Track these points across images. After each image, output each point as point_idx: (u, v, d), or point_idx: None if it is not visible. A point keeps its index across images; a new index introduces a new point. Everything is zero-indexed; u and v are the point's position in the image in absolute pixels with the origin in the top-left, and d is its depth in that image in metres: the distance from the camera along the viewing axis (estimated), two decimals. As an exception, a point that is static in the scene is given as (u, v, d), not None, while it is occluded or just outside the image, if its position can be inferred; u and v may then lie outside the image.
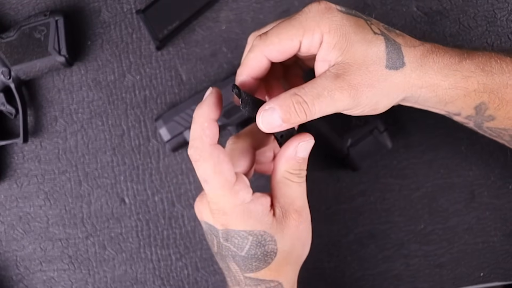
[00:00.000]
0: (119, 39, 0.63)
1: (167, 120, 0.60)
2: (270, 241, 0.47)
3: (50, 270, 0.63)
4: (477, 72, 0.47)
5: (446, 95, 0.47)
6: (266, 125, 0.44)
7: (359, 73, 0.44)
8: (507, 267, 0.64)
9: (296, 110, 0.44)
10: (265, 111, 0.44)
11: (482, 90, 0.47)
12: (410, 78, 0.46)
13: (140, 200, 0.63)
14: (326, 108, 0.44)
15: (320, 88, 0.44)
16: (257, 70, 0.47)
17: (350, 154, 0.59)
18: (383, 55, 0.45)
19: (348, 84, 0.44)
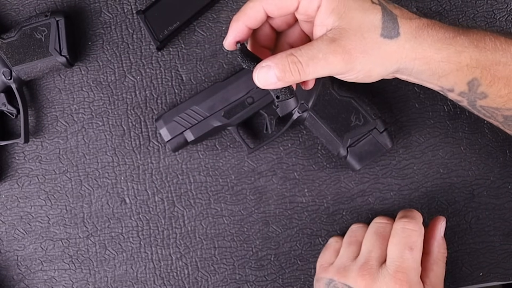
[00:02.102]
0: (120, 40, 0.63)
1: (167, 120, 0.60)
2: None
3: (51, 269, 0.64)
4: (470, 47, 0.48)
5: (439, 68, 0.48)
6: (262, 81, 0.46)
7: (354, 39, 0.46)
8: (506, 267, 0.64)
9: (291, 69, 0.45)
10: (262, 67, 0.46)
11: (475, 66, 0.48)
12: (404, 49, 0.47)
13: (141, 200, 0.64)
14: (320, 70, 0.46)
15: (316, 50, 0.45)
16: (253, 20, 0.48)
17: (349, 154, 0.59)
18: (379, 23, 0.46)
19: (342, 49, 0.45)
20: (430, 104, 0.64)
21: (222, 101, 0.60)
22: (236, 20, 0.48)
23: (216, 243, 0.64)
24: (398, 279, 0.52)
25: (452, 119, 0.64)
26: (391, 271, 0.52)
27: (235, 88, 0.60)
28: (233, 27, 0.49)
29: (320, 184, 0.64)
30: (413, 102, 0.64)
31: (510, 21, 0.64)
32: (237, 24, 0.48)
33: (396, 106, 0.64)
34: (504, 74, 0.49)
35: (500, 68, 0.48)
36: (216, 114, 0.60)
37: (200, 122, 0.60)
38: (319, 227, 0.64)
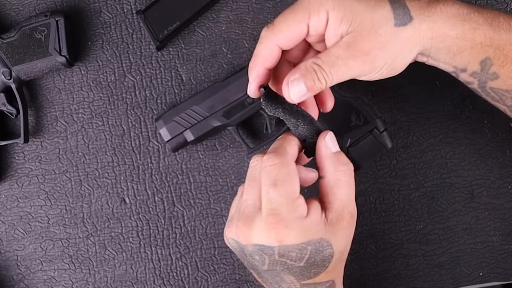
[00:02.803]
0: (120, 40, 0.63)
1: (167, 120, 0.60)
2: (327, 246, 0.47)
3: (51, 269, 0.64)
4: (485, 25, 0.47)
5: (454, 45, 0.48)
6: (296, 95, 0.46)
7: (369, 38, 0.45)
8: (506, 267, 0.64)
9: (318, 77, 0.46)
10: (292, 82, 0.46)
11: (489, 44, 0.48)
12: (421, 31, 0.47)
13: (141, 200, 0.64)
14: (343, 76, 0.46)
15: (334, 58, 0.45)
16: (270, 60, 0.48)
17: (349, 154, 0.59)
18: (390, 14, 0.46)
19: (360, 51, 0.45)
20: (430, 104, 0.64)
21: (222, 101, 0.60)
22: (254, 65, 0.48)
23: (216, 243, 0.64)
24: (269, 223, 0.45)
25: (452, 119, 0.64)
26: (264, 216, 0.46)
27: (235, 88, 0.60)
28: (252, 74, 0.48)
29: (320, 184, 0.64)
30: (413, 102, 0.64)
31: (510, 21, 0.64)
32: (255, 69, 0.48)
33: (396, 106, 0.64)
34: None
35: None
36: (216, 114, 0.60)
37: (200, 122, 0.60)
38: (319, 227, 0.64)
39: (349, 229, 0.49)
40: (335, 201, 0.48)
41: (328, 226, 0.47)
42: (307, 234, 0.46)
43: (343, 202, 0.48)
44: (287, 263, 0.47)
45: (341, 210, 0.48)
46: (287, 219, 0.45)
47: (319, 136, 0.49)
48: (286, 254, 0.46)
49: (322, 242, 0.47)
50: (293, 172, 0.47)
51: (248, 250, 0.47)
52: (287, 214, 0.45)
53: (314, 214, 0.46)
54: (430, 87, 0.64)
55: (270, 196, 0.45)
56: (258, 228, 0.46)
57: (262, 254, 0.47)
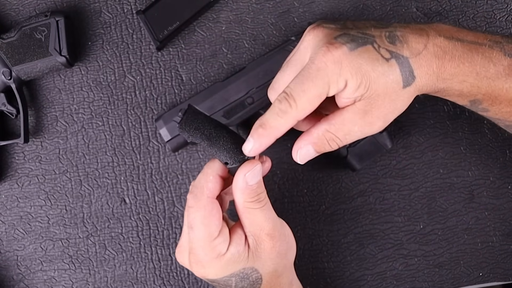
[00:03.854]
0: (120, 40, 0.63)
1: (167, 120, 0.60)
2: (252, 272, 0.50)
3: (51, 269, 0.64)
4: (472, 76, 0.48)
5: (443, 92, 0.50)
6: (303, 159, 0.48)
7: (384, 105, 0.47)
8: (506, 267, 0.64)
9: (329, 144, 0.48)
10: (301, 149, 0.48)
11: (476, 92, 0.49)
12: (421, 87, 0.48)
13: (141, 200, 0.64)
14: (356, 139, 0.48)
15: (351, 125, 0.47)
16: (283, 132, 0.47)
17: (349, 154, 0.59)
18: (400, 78, 0.47)
19: (377, 118, 0.47)
20: (430, 104, 0.64)
21: (221, 101, 0.60)
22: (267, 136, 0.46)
23: (216, 243, 0.64)
24: (191, 261, 0.49)
25: (452, 119, 0.64)
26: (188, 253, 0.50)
27: (234, 88, 0.60)
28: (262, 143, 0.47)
29: (320, 184, 0.64)
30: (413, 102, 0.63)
31: (510, 21, 0.64)
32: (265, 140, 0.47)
33: (396, 106, 0.64)
34: (506, 97, 0.49)
35: (503, 93, 0.49)
36: (216, 114, 0.60)
37: None
38: (319, 228, 0.64)
39: (274, 250, 0.50)
40: (250, 226, 0.49)
41: (250, 252, 0.49)
42: (227, 269, 0.49)
43: (257, 226, 0.49)
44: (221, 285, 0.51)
45: (258, 233, 0.49)
46: (204, 260, 0.48)
47: (239, 168, 0.48)
48: (215, 281, 0.50)
49: (245, 271, 0.49)
50: (210, 214, 0.48)
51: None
52: (203, 256, 0.48)
53: (234, 247, 0.49)
54: (430, 87, 0.64)
55: (189, 236, 0.49)
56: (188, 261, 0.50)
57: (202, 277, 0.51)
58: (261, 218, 0.49)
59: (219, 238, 0.48)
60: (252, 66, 0.60)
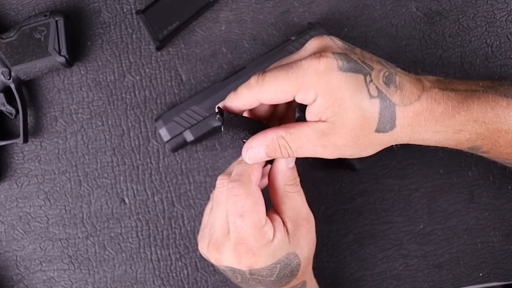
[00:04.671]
0: (119, 40, 0.63)
1: (167, 120, 0.60)
2: (294, 257, 0.50)
3: (50, 270, 0.64)
4: (469, 124, 0.47)
5: (437, 143, 0.48)
6: (252, 159, 0.48)
7: (345, 137, 0.45)
8: (506, 267, 0.64)
9: (281, 151, 0.47)
10: (252, 148, 0.47)
11: (474, 139, 0.48)
12: (398, 137, 0.47)
13: (140, 200, 0.63)
14: (306, 155, 0.47)
15: (305, 140, 0.46)
16: (247, 106, 0.48)
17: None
18: (375, 120, 0.45)
19: (332, 145, 0.46)
20: (430, 104, 0.63)
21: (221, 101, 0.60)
22: (230, 101, 0.49)
23: (216, 243, 0.63)
24: (238, 252, 0.48)
25: (452, 119, 0.63)
26: (232, 243, 0.48)
27: (234, 88, 0.59)
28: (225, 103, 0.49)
29: (320, 184, 0.63)
30: (413, 102, 0.64)
31: (510, 21, 0.64)
32: (229, 106, 0.49)
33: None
34: (506, 139, 0.49)
35: (502, 135, 0.48)
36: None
37: (199, 122, 0.60)
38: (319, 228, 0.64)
39: (309, 234, 0.51)
40: (289, 211, 0.50)
41: (291, 238, 0.49)
42: (275, 255, 0.49)
43: (295, 210, 0.50)
44: (259, 279, 0.49)
45: (296, 218, 0.50)
46: (255, 247, 0.48)
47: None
48: (257, 273, 0.49)
49: (289, 256, 0.49)
50: (258, 201, 0.48)
51: (222, 268, 0.50)
52: (254, 243, 0.47)
53: (279, 233, 0.49)
54: (430, 87, 0.64)
55: (237, 225, 0.47)
56: (228, 254, 0.48)
57: (234, 273, 0.49)
58: (299, 202, 0.51)
59: (267, 225, 0.48)
60: (252, 66, 0.60)
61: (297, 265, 0.50)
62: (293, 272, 0.50)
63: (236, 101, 0.48)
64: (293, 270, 0.50)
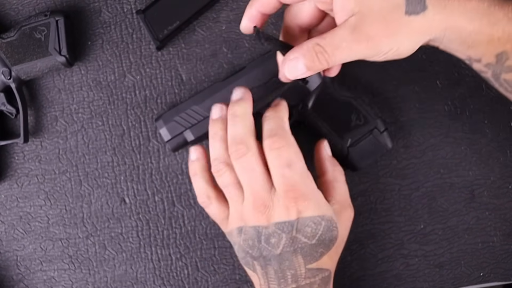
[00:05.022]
0: (120, 39, 0.63)
1: (167, 120, 0.60)
2: (335, 226, 0.51)
3: (51, 269, 0.64)
4: (504, 20, 0.46)
5: (470, 38, 0.46)
6: (292, 73, 0.47)
7: (376, 24, 0.44)
8: (507, 267, 0.64)
9: (319, 58, 0.46)
10: (290, 60, 0.47)
11: (506, 40, 0.46)
12: (433, 22, 0.45)
13: (140, 200, 0.63)
14: (346, 58, 0.46)
15: (339, 39, 0.45)
16: (266, 6, 0.49)
17: (350, 154, 0.59)
18: (402, 1, 0.44)
19: (365, 36, 0.45)
20: (430, 104, 0.63)
21: (222, 101, 0.60)
22: (250, 6, 0.50)
23: (216, 243, 0.63)
24: (291, 198, 0.49)
25: (452, 119, 0.64)
26: (282, 193, 0.49)
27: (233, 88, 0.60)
28: (247, 13, 0.50)
29: (320, 184, 0.63)
30: (414, 102, 0.64)
31: (511, 20, 0.64)
32: (250, 10, 0.50)
33: (396, 106, 0.64)
34: None
35: None
36: None
37: (200, 122, 0.60)
38: (319, 227, 0.64)
39: (349, 221, 0.54)
40: (337, 195, 0.54)
41: (334, 210, 0.52)
42: (322, 207, 0.50)
43: (343, 195, 0.54)
44: (301, 241, 0.49)
45: (343, 201, 0.54)
46: (306, 192, 0.49)
47: (318, 142, 0.57)
48: (303, 229, 0.49)
49: (332, 220, 0.51)
50: (298, 150, 0.50)
51: (266, 233, 0.50)
52: (305, 188, 0.49)
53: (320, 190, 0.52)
54: (430, 87, 0.64)
55: (286, 175, 0.49)
56: (278, 205, 0.49)
57: (281, 233, 0.49)
58: (346, 190, 0.55)
59: (310, 174, 0.51)
60: (252, 66, 0.60)
61: (335, 237, 0.51)
62: (330, 244, 0.51)
63: (256, 2, 0.49)
64: (332, 240, 0.51)
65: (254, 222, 0.50)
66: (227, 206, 0.54)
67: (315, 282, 0.50)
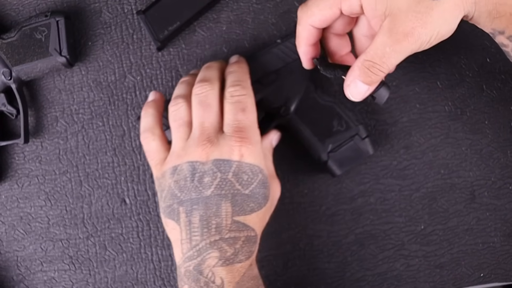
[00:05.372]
0: (120, 40, 0.63)
1: None
2: (269, 186, 0.53)
3: (51, 270, 0.64)
4: None
5: (495, 9, 0.47)
6: (358, 95, 0.50)
7: (408, 19, 0.46)
8: (507, 268, 0.64)
9: (373, 72, 0.48)
10: (349, 86, 0.50)
11: None
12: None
13: (141, 201, 0.63)
14: (397, 60, 0.48)
15: (381, 47, 0.47)
16: (310, 38, 0.52)
17: (330, 160, 0.59)
18: None
19: (402, 34, 0.46)
20: (431, 105, 0.63)
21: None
22: (299, 45, 0.54)
23: (217, 243, 0.63)
24: (238, 137, 0.51)
25: (453, 120, 0.64)
26: (230, 132, 0.51)
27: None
28: (300, 51, 0.54)
29: (321, 184, 0.63)
30: (414, 103, 0.64)
31: None
32: (301, 48, 0.54)
33: (396, 107, 0.64)
34: None
35: None
36: None
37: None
38: (319, 228, 0.64)
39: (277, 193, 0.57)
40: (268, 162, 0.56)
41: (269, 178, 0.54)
42: (262, 161, 0.53)
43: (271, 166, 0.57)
44: (235, 187, 0.50)
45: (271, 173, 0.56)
46: (252, 138, 0.52)
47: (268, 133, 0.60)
48: (239, 174, 0.51)
49: (267, 178, 0.53)
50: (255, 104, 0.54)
51: (202, 169, 0.51)
52: (252, 135, 0.52)
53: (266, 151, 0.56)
54: (431, 87, 0.64)
55: (238, 118, 0.52)
56: (222, 143, 0.51)
57: (217, 171, 0.51)
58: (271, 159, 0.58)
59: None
60: None
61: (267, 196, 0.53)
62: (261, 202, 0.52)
63: (299, 39, 0.53)
64: (264, 198, 0.53)
65: (193, 157, 0.51)
66: (167, 149, 0.55)
67: (239, 238, 0.51)
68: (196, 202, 0.51)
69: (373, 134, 0.62)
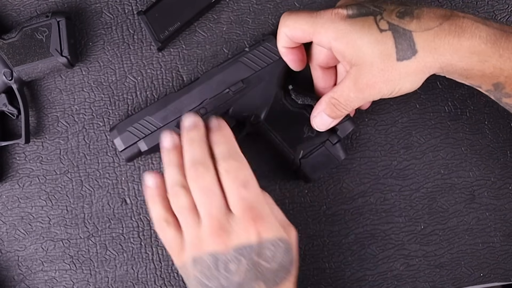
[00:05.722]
0: (121, 40, 0.63)
1: (121, 130, 0.58)
2: (291, 248, 0.51)
3: (52, 270, 0.64)
4: (494, 57, 0.48)
5: (464, 72, 0.49)
6: (322, 125, 0.56)
7: (372, 74, 0.49)
8: (507, 268, 0.64)
9: (337, 109, 0.53)
10: (315, 117, 0.56)
11: (499, 73, 0.48)
12: (426, 63, 0.48)
13: (141, 201, 0.64)
14: (358, 103, 0.52)
15: (347, 91, 0.51)
16: (286, 41, 0.55)
17: (302, 166, 0.59)
18: (392, 50, 0.47)
19: (365, 85, 0.49)
20: (431, 105, 0.64)
21: (175, 112, 0.59)
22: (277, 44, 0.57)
23: (217, 243, 0.64)
24: (250, 219, 0.48)
25: (453, 120, 0.64)
26: (240, 213, 0.48)
27: (188, 99, 0.59)
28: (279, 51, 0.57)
29: (321, 184, 0.64)
30: (414, 103, 0.64)
31: (511, 21, 0.64)
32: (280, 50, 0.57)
33: (396, 107, 0.64)
34: None
35: None
36: (169, 125, 0.59)
37: (153, 132, 0.59)
38: (320, 228, 0.64)
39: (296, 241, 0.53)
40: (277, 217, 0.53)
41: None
42: (279, 229, 0.50)
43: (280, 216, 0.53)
44: (262, 265, 0.48)
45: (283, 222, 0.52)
46: (263, 212, 0.49)
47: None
48: (262, 252, 0.48)
49: (289, 241, 0.50)
50: (251, 171, 0.51)
51: (225, 259, 0.48)
52: (262, 209, 0.49)
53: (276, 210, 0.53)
54: (430, 87, 0.64)
55: (243, 196, 0.48)
56: (236, 228, 0.48)
57: (240, 257, 0.48)
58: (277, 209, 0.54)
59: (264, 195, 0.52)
60: (205, 76, 0.59)
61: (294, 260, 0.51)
62: (289, 268, 0.50)
63: (279, 41, 0.56)
64: (291, 264, 0.50)
65: (211, 248, 0.48)
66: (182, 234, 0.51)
67: None
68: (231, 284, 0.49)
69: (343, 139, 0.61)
